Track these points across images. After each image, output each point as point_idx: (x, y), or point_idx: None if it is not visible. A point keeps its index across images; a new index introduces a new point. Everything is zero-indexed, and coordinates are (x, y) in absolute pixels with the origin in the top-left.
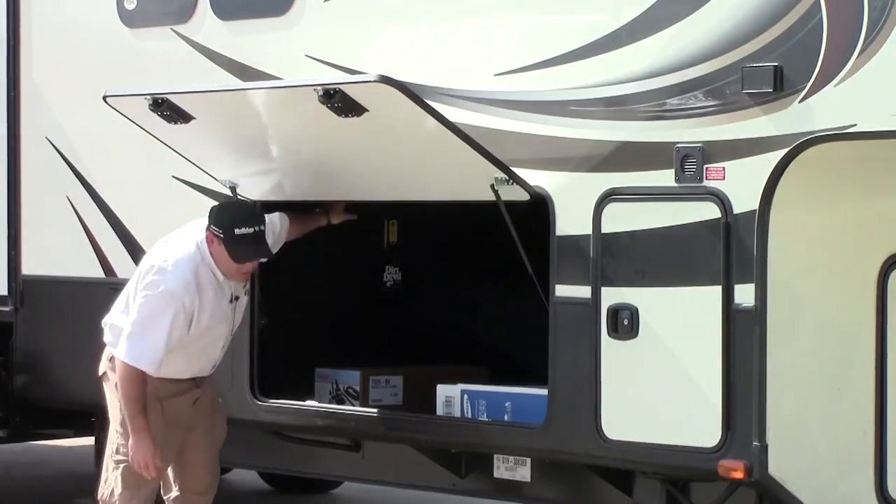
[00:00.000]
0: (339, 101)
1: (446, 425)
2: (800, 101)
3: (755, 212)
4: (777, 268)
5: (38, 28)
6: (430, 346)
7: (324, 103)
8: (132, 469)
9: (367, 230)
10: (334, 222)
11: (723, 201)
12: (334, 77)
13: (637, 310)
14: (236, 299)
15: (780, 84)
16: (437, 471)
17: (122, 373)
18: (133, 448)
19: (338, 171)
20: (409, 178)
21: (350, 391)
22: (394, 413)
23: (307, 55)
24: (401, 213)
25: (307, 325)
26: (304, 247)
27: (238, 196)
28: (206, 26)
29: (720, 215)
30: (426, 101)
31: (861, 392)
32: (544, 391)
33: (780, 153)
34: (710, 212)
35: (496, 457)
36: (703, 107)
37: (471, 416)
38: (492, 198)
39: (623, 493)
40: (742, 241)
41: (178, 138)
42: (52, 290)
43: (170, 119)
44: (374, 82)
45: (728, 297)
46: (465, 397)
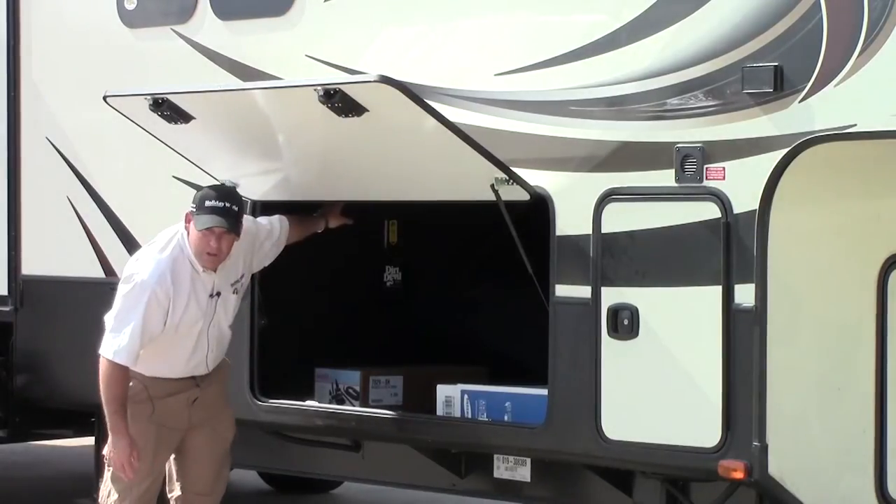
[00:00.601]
0: (339, 101)
1: (446, 425)
2: (800, 101)
3: (755, 212)
4: (777, 268)
5: (38, 28)
6: (430, 346)
7: (324, 103)
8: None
9: (367, 230)
10: (332, 226)
11: (723, 201)
12: (334, 77)
13: (637, 310)
14: (218, 294)
15: (781, 84)
16: (437, 471)
17: (103, 371)
18: (111, 448)
19: (338, 171)
20: (409, 178)
21: (350, 391)
22: (394, 413)
23: (307, 55)
24: (401, 213)
25: (307, 325)
26: (305, 247)
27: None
28: (206, 26)
29: (720, 215)
30: (426, 101)
31: (861, 392)
32: (544, 391)
33: (781, 153)
34: (710, 212)
35: (496, 457)
36: (704, 107)
37: (471, 416)
38: (492, 198)
39: (623, 493)
40: (742, 241)
41: (178, 138)
42: (52, 290)
43: (170, 119)
44: (374, 82)
45: (728, 297)
46: (465, 397)
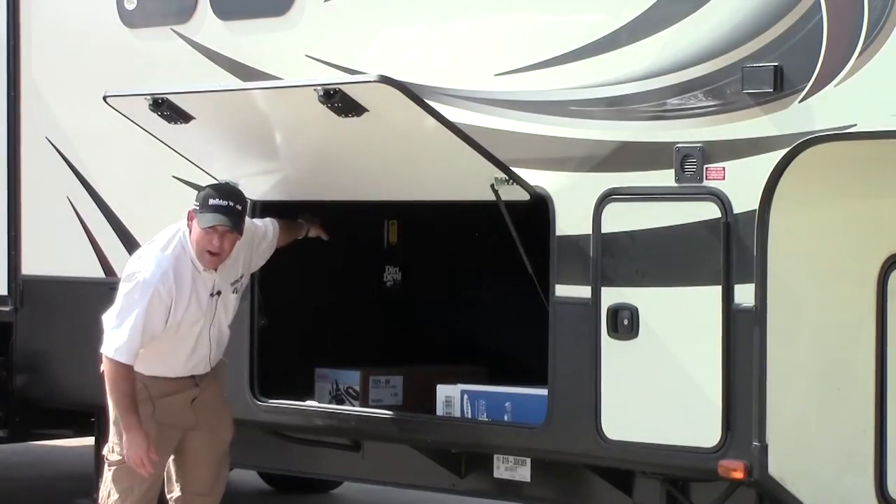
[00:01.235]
0: (339, 101)
1: (446, 425)
2: (800, 101)
3: (755, 212)
4: (777, 268)
5: (38, 28)
6: (430, 346)
7: (324, 103)
8: (123, 469)
9: (367, 230)
10: (311, 235)
11: (723, 201)
12: (334, 77)
13: (637, 310)
14: (218, 294)
15: (781, 84)
16: (437, 471)
17: (107, 370)
18: (126, 445)
19: (338, 171)
20: (409, 178)
21: (350, 391)
22: (394, 413)
23: (307, 55)
24: (401, 213)
25: (307, 325)
26: (305, 247)
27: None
28: (206, 26)
29: (720, 215)
30: (426, 101)
31: (861, 392)
32: (544, 391)
33: (781, 153)
34: (710, 212)
35: (496, 457)
36: (704, 107)
37: (471, 416)
38: (492, 198)
39: (623, 493)
40: (742, 241)
41: (178, 138)
42: (52, 290)
43: (170, 119)
44: (374, 82)
45: (728, 297)
46: (465, 397)
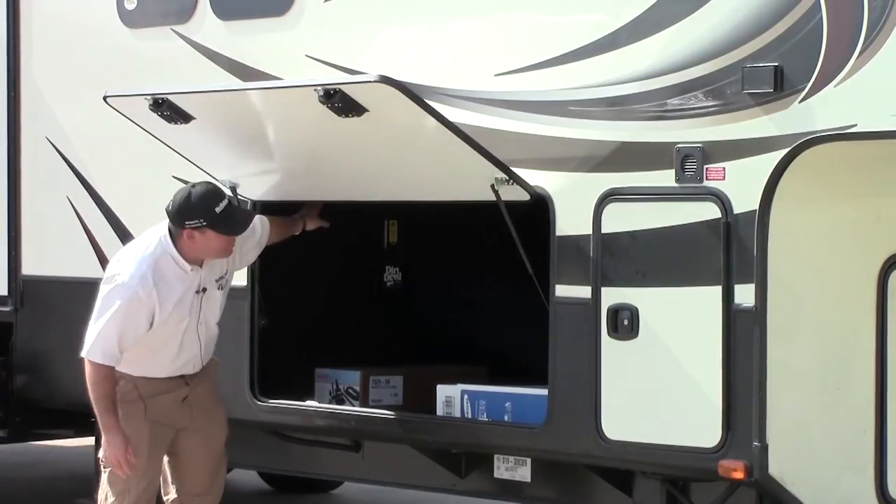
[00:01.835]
0: (339, 101)
1: (446, 425)
2: (800, 102)
3: (755, 212)
4: (777, 268)
5: (38, 28)
6: (430, 346)
7: (324, 103)
8: (115, 473)
9: (367, 230)
10: (309, 228)
11: (723, 201)
12: (334, 77)
13: (637, 310)
14: (203, 291)
15: (781, 84)
16: (437, 471)
17: (87, 371)
18: (105, 446)
19: (338, 171)
20: (409, 179)
21: (350, 391)
22: (394, 413)
23: (307, 55)
24: (401, 213)
25: (307, 325)
26: (305, 247)
27: (238, 196)
28: (206, 26)
29: (720, 215)
30: (426, 101)
31: (861, 392)
32: (544, 391)
33: (781, 153)
34: (710, 212)
35: (496, 457)
36: (704, 107)
37: (471, 416)
38: (492, 198)
39: (623, 493)
40: (742, 241)
41: (178, 138)
42: (52, 290)
43: (170, 119)
44: (374, 82)
45: (728, 297)
46: (465, 397)
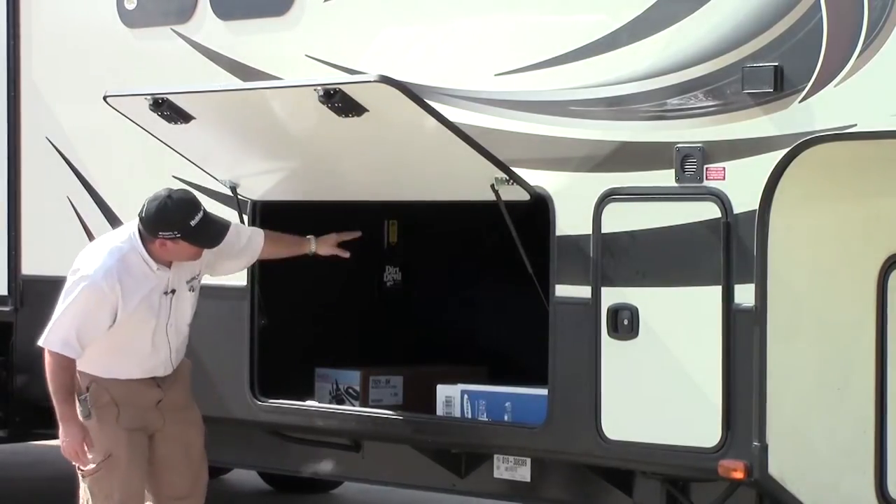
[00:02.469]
0: (339, 101)
1: (446, 425)
2: (800, 101)
3: (755, 212)
4: (777, 268)
5: (38, 28)
6: (430, 346)
7: (324, 103)
8: (99, 477)
9: (367, 230)
10: (322, 253)
11: (723, 201)
12: (334, 77)
13: (637, 310)
14: (173, 292)
15: (781, 84)
16: (437, 471)
17: (46, 361)
18: (62, 437)
19: (338, 171)
20: (409, 178)
21: (350, 391)
22: (394, 413)
23: (307, 55)
24: (401, 213)
25: (307, 325)
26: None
27: (238, 196)
28: (206, 26)
29: (720, 215)
30: (426, 101)
31: (861, 392)
32: (544, 391)
33: (781, 153)
34: (710, 212)
35: (496, 457)
36: (704, 107)
37: (471, 416)
38: (492, 198)
39: (623, 493)
40: (742, 241)
41: (178, 138)
42: (52, 290)
43: (170, 119)
44: (374, 82)
45: (728, 297)
46: (465, 397)
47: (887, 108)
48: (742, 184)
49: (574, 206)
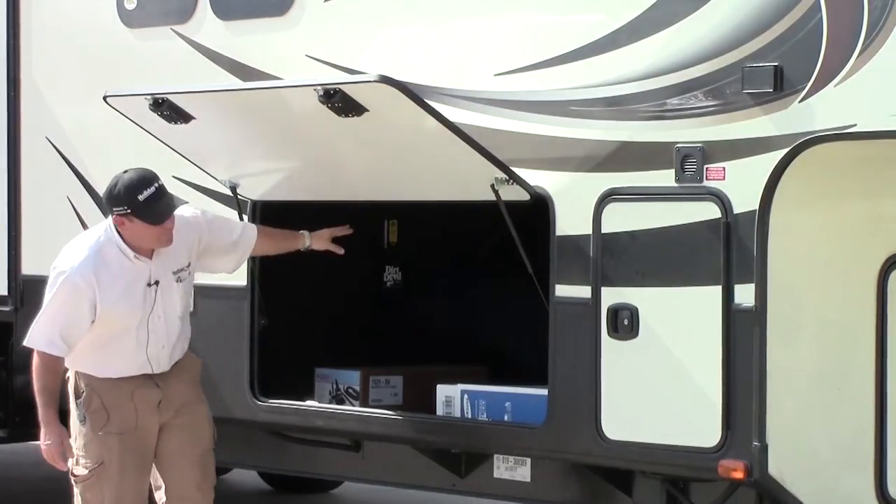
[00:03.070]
0: (339, 101)
1: (446, 425)
2: (800, 101)
3: (755, 212)
4: (777, 268)
5: (38, 28)
6: (430, 346)
7: (324, 103)
8: (91, 483)
9: (367, 230)
10: (316, 248)
11: (723, 201)
12: (334, 77)
13: (637, 310)
14: (157, 283)
15: (781, 84)
16: (437, 471)
17: (33, 361)
18: (42, 440)
19: (338, 171)
20: (409, 178)
21: (350, 391)
22: (394, 413)
23: (307, 55)
24: (401, 213)
25: (307, 325)
26: None
27: (238, 196)
28: (206, 26)
29: (720, 215)
30: (426, 101)
31: (861, 392)
32: (544, 391)
33: (781, 153)
34: (710, 212)
35: (496, 457)
36: (704, 107)
37: (471, 416)
38: (492, 198)
39: (623, 493)
40: (742, 241)
41: (178, 138)
42: None
43: (170, 119)
44: (374, 82)
45: (728, 297)
46: (465, 397)
47: (887, 108)
48: (742, 184)
49: (574, 206)
